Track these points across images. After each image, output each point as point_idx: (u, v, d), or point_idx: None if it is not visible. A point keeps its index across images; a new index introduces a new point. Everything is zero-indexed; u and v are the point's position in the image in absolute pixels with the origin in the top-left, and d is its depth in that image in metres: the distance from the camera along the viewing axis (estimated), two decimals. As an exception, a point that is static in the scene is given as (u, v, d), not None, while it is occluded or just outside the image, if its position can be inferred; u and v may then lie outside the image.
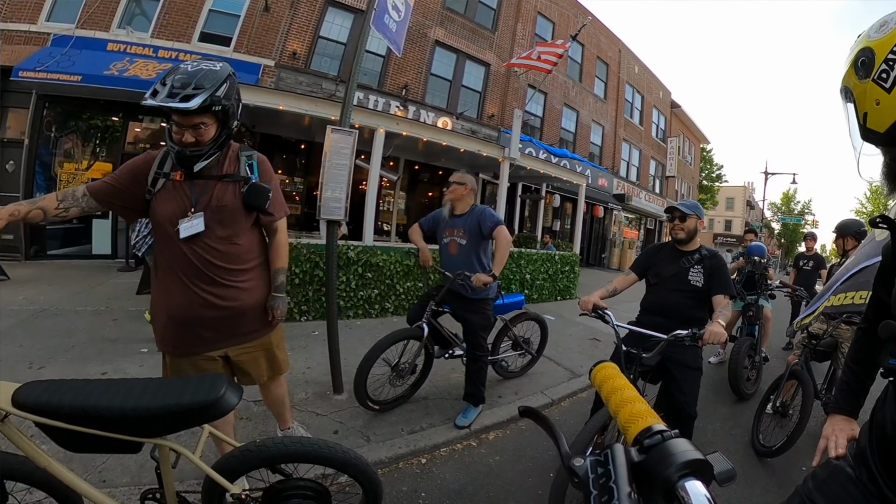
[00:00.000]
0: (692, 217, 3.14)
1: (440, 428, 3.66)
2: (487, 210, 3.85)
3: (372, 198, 8.40)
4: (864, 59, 1.07)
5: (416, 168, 14.75)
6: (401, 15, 4.29)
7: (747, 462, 3.69)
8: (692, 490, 0.57)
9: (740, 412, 4.75)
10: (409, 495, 2.90)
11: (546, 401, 4.55)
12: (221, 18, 11.15)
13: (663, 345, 2.62)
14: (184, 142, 1.98)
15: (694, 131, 31.71)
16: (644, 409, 0.77)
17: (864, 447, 1.23)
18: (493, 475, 3.22)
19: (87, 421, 1.59)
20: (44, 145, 9.73)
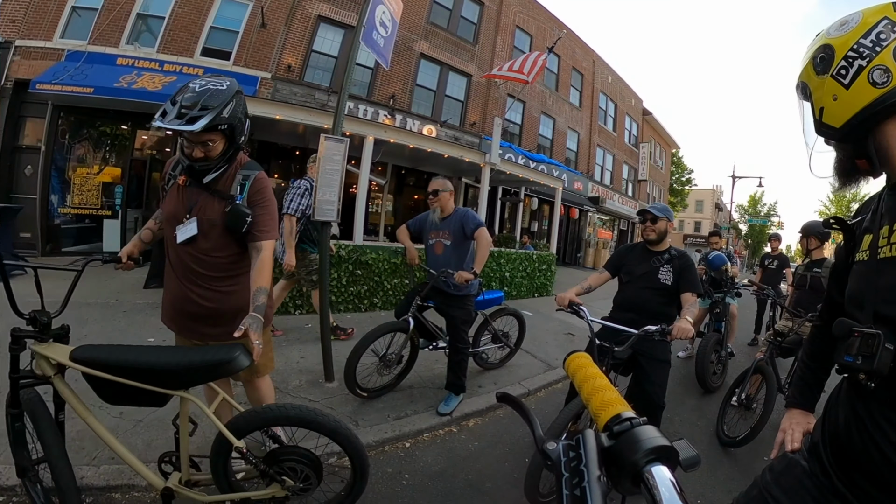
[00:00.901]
0: (663, 219, 3.22)
1: (424, 415, 3.76)
2: (470, 212, 3.95)
3: (362, 200, 8.66)
4: (824, 56, 1.09)
5: (403, 172, 15.06)
6: (388, 31, 4.37)
7: (712, 451, 3.77)
8: (658, 474, 0.59)
9: (706, 404, 4.83)
10: (394, 476, 2.97)
11: (523, 391, 4.63)
12: (221, 34, 11.52)
13: (634, 339, 2.69)
14: (194, 157, 2.03)
15: (665, 137, 32.11)
16: (614, 398, 0.78)
17: (818, 441, 1.25)
18: (472, 459, 3.30)
19: (127, 373, 1.82)
20: (59, 151, 10.06)
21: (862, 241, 1.19)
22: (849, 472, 1.10)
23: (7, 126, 9.64)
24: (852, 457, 1.09)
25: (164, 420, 2.61)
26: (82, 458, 2.57)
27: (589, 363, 0.93)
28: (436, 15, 15.28)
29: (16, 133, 9.88)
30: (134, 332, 4.85)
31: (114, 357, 1.84)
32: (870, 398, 1.04)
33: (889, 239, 1.05)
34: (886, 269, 1.05)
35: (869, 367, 0.97)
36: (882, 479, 1.00)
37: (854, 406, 1.09)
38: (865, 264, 1.13)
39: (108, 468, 2.54)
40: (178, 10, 11.01)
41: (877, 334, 0.97)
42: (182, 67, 10.60)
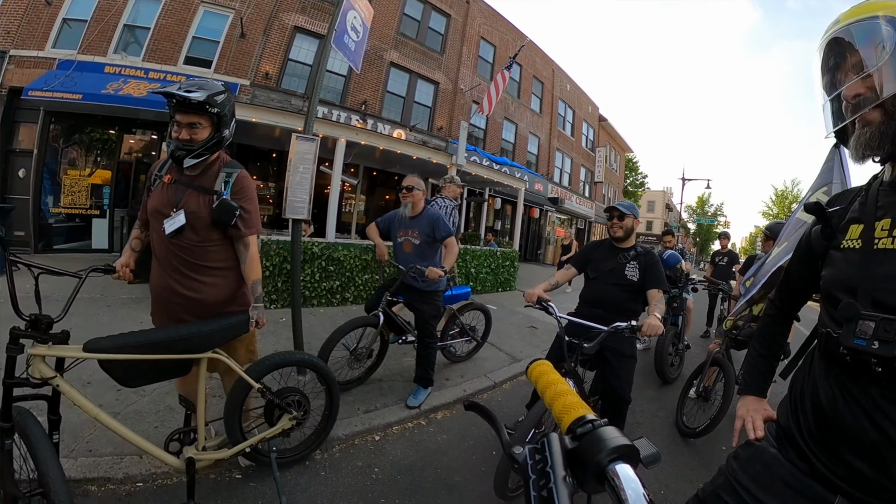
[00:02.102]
0: (629, 216, 3.17)
1: (393, 408, 3.72)
2: (442, 219, 3.86)
3: (334, 200, 8.82)
4: None
5: (374, 174, 15.43)
6: (359, 35, 4.37)
7: (672, 442, 3.77)
8: (622, 472, 0.59)
9: (665, 395, 4.83)
10: (363, 470, 2.91)
11: (489, 383, 4.62)
12: (203, 44, 11.84)
13: (603, 335, 2.65)
14: (180, 138, 2.12)
15: (619, 142, 33.01)
16: (576, 401, 0.77)
17: (789, 427, 1.24)
18: (441, 452, 3.25)
19: (155, 348, 1.99)
20: (51, 155, 10.32)
21: (847, 230, 1.19)
22: (836, 452, 1.08)
23: (1, 131, 9.86)
24: (844, 437, 1.06)
25: (146, 416, 3.02)
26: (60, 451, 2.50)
27: (550, 370, 0.93)
28: (405, 26, 15.77)
29: (10, 137, 10.08)
30: (116, 326, 4.61)
31: (132, 340, 1.96)
32: (869, 381, 1.02)
33: (891, 232, 1.05)
34: (885, 260, 1.05)
35: (890, 352, 0.95)
36: (876, 455, 1.00)
37: (846, 387, 1.07)
38: (858, 252, 1.12)
39: (85, 461, 2.51)
40: (163, 21, 11.31)
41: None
42: (166, 75, 10.84)
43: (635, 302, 3.11)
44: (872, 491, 1.01)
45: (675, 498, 2.91)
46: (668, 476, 3.16)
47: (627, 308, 3.06)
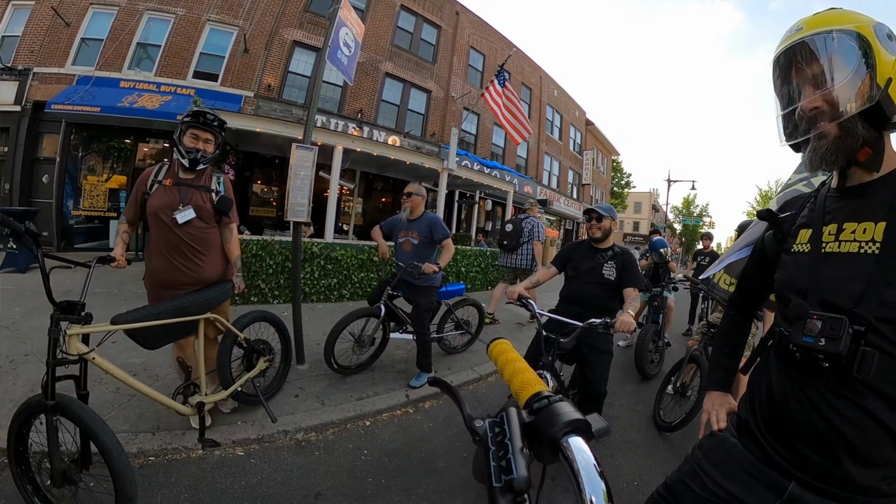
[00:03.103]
0: (607, 218, 3.20)
1: (383, 396, 3.83)
2: (440, 222, 4.17)
3: (333, 203, 9.18)
4: (891, 35, 1.02)
5: (371, 178, 15.76)
6: (351, 50, 4.47)
7: (648, 435, 3.78)
8: (574, 444, 0.61)
9: (644, 390, 4.85)
10: (354, 452, 3.04)
11: (475, 376, 4.70)
12: (210, 59, 12.40)
13: (579, 331, 2.70)
14: (198, 148, 2.75)
15: (606, 145, 33.02)
16: (533, 378, 0.79)
17: (747, 418, 1.26)
18: (426, 439, 3.34)
19: (169, 314, 2.50)
20: (72, 162, 10.97)
21: (797, 234, 1.22)
22: (788, 441, 1.11)
23: (27, 141, 10.47)
24: (794, 427, 1.10)
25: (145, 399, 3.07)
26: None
27: (508, 348, 0.94)
28: (399, 38, 16.25)
29: (34, 147, 10.70)
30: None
31: (154, 311, 2.45)
32: (815, 376, 1.05)
33: (837, 237, 1.08)
34: (832, 263, 1.08)
35: (834, 349, 0.98)
36: (824, 444, 1.03)
37: (795, 382, 1.10)
38: (807, 255, 1.15)
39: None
40: (173, 39, 11.91)
41: (842, 319, 0.98)
42: (176, 88, 11.43)
43: (612, 300, 3.14)
44: (823, 477, 1.05)
45: (648, 490, 2.96)
46: (644, 469, 3.21)
47: (604, 305, 3.09)
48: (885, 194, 1.05)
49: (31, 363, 3.65)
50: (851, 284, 1.03)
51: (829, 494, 1.04)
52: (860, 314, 0.98)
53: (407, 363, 4.67)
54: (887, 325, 0.96)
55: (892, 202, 1.02)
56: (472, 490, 2.70)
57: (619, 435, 3.70)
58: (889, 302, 0.97)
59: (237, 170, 11.63)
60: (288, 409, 3.39)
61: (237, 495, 2.45)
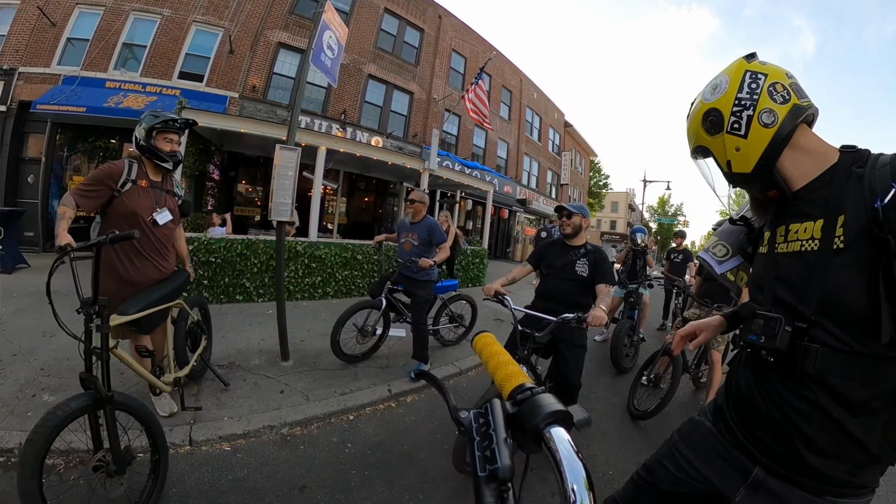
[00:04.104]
0: (577, 215, 3.25)
1: (366, 391, 3.88)
2: (439, 228, 4.51)
3: (316, 202, 8.94)
4: (713, 119, 1.16)
5: (354, 178, 15.80)
6: (335, 53, 4.48)
7: (623, 426, 3.86)
8: (556, 435, 0.61)
9: (620, 383, 4.92)
10: (338, 445, 3.08)
11: (456, 370, 4.77)
12: (195, 60, 12.28)
13: (552, 326, 2.73)
14: (174, 151, 2.87)
15: (584, 146, 33.31)
16: (517, 370, 0.80)
17: (721, 404, 1.31)
18: (409, 431, 3.39)
19: (162, 300, 2.74)
20: (57, 162, 10.78)
21: (763, 236, 1.28)
22: (752, 429, 1.16)
23: (12, 141, 10.28)
24: (756, 417, 1.15)
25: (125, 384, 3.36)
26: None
27: (493, 341, 0.96)
28: (382, 41, 16.29)
29: (20, 147, 10.51)
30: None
31: (151, 298, 2.66)
32: (769, 370, 1.11)
33: (786, 238, 1.14)
34: (781, 262, 1.14)
35: (771, 345, 1.04)
36: (781, 434, 1.08)
37: (756, 375, 1.16)
38: (766, 256, 1.22)
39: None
40: (158, 40, 11.80)
41: (778, 318, 1.05)
42: (162, 89, 11.35)
43: (584, 295, 3.19)
44: (783, 463, 1.09)
45: (622, 478, 2.84)
46: (618, 458, 3.28)
47: (577, 301, 3.14)
48: (823, 192, 1.08)
49: (19, 363, 3.65)
50: (796, 281, 1.08)
51: (791, 481, 1.08)
52: (802, 311, 1.04)
53: (389, 359, 4.75)
54: (828, 320, 1.00)
55: (826, 201, 1.06)
56: (452, 480, 2.77)
57: (595, 426, 3.79)
58: (828, 297, 1.00)
59: (222, 170, 11.60)
60: (273, 404, 3.44)
61: (224, 489, 2.49)
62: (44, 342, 4.06)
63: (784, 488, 1.09)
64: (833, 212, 1.03)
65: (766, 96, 1.09)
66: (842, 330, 0.99)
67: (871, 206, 0.95)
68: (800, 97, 1.10)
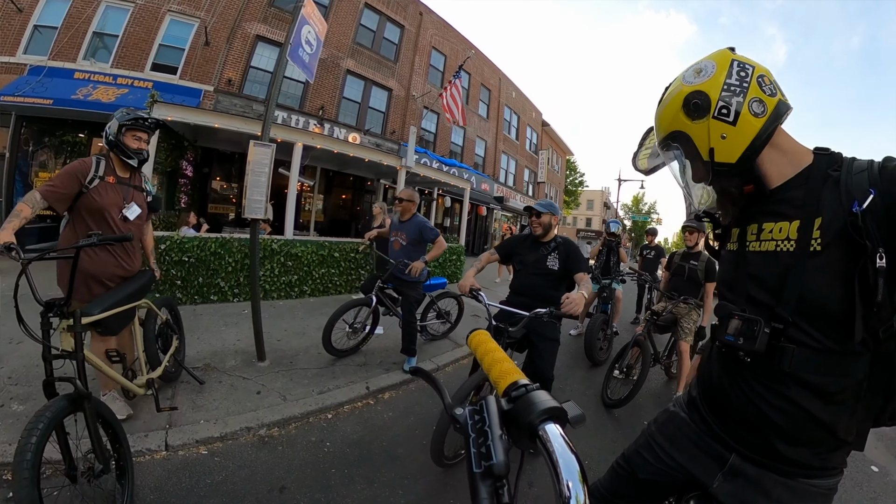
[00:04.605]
0: (546, 214, 3.25)
1: (344, 389, 3.86)
2: (428, 225, 4.53)
3: (292, 200, 8.79)
4: (697, 102, 1.08)
5: (331, 175, 15.64)
6: (313, 48, 4.43)
7: (598, 417, 3.92)
8: (551, 431, 0.61)
9: (594, 376, 5.00)
10: (317, 444, 3.07)
11: (433, 366, 4.80)
12: (169, 51, 11.90)
13: (526, 320, 2.75)
14: (141, 149, 2.86)
15: (561, 145, 33.85)
16: (511, 367, 0.81)
17: (695, 396, 1.34)
18: (387, 428, 3.41)
19: (129, 298, 2.71)
20: (22, 158, 10.21)
21: (731, 233, 1.28)
22: (725, 420, 1.20)
23: None
24: (729, 409, 1.18)
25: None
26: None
27: (488, 339, 0.96)
28: (361, 36, 16.17)
29: None
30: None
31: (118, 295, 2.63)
32: (744, 367, 1.13)
33: (758, 236, 1.14)
34: (754, 260, 1.14)
35: (751, 347, 1.06)
36: (755, 425, 1.11)
37: (728, 370, 1.18)
38: (735, 254, 1.22)
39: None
40: (131, 29, 11.39)
41: (757, 320, 1.06)
42: (133, 81, 11.06)
43: (556, 289, 3.17)
44: (757, 451, 1.13)
45: (597, 467, 2.98)
46: (593, 448, 3.35)
47: (549, 295, 3.13)
48: (798, 193, 1.08)
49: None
50: (771, 281, 1.08)
51: (765, 466, 1.11)
52: (779, 312, 1.05)
53: (367, 356, 4.75)
54: (804, 320, 1.02)
55: (803, 202, 1.06)
56: (431, 474, 2.82)
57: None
58: (805, 298, 1.01)
59: (195, 166, 11.26)
60: (250, 405, 3.40)
61: (203, 493, 2.47)
62: (10, 349, 3.85)
63: (759, 473, 1.13)
64: (810, 213, 1.04)
65: (755, 86, 1.07)
66: (817, 330, 1.01)
67: (849, 210, 0.96)
68: (783, 94, 1.10)
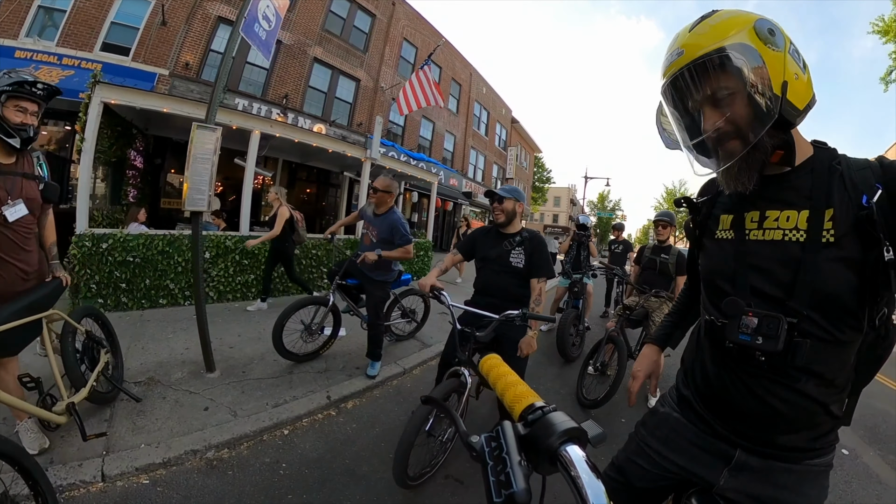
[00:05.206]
0: (510, 199, 3.03)
1: (302, 400, 3.63)
2: (401, 227, 4.08)
3: (248, 192, 8.34)
4: (773, 30, 0.96)
5: (294, 167, 15.07)
6: (271, 25, 4.15)
7: (573, 415, 4.12)
8: (572, 453, 0.61)
9: (567, 373, 4.88)
10: (271, 466, 2.83)
11: (399, 370, 4.58)
12: (122, 30, 11.15)
13: (495, 324, 2.57)
14: (26, 123, 2.29)
15: (529, 142, 34.40)
16: (526, 390, 0.79)
17: (687, 395, 1.29)
18: (350, 442, 3.20)
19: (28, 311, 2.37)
20: None
21: (719, 220, 1.22)
22: (728, 418, 1.16)
23: None
24: (732, 407, 1.13)
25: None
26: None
27: (500, 363, 0.95)
28: (331, 23, 15.79)
29: None
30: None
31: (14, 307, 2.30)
32: (750, 365, 1.08)
33: (761, 224, 1.09)
34: (758, 251, 1.08)
35: (773, 347, 0.99)
36: (760, 419, 1.09)
37: (731, 370, 1.13)
38: (731, 243, 1.15)
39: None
40: (80, 4, 10.61)
41: (779, 317, 0.99)
42: (81, 62, 10.37)
43: (525, 287, 3.01)
44: (761, 443, 1.12)
45: None
46: None
47: (519, 294, 2.98)
48: (804, 183, 1.06)
49: None
50: (780, 273, 1.05)
51: (769, 456, 1.12)
52: (793, 307, 1.01)
53: (328, 361, 4.51)
54: (817, 313, 1.00)
55: (811, 191, 1.04)
56: (399, 493, 2.64)
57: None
58: (818, 290, 0.99)
59: (146, 156, 10.52)
60: (196, 424, 3.11)
61: None
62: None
63: (765, 464, 1.12)
64: (820, 204, 1.01)
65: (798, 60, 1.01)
66: (829, 322, 1.00)
67: (859, 203, 0.96)
68: None
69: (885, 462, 4.07)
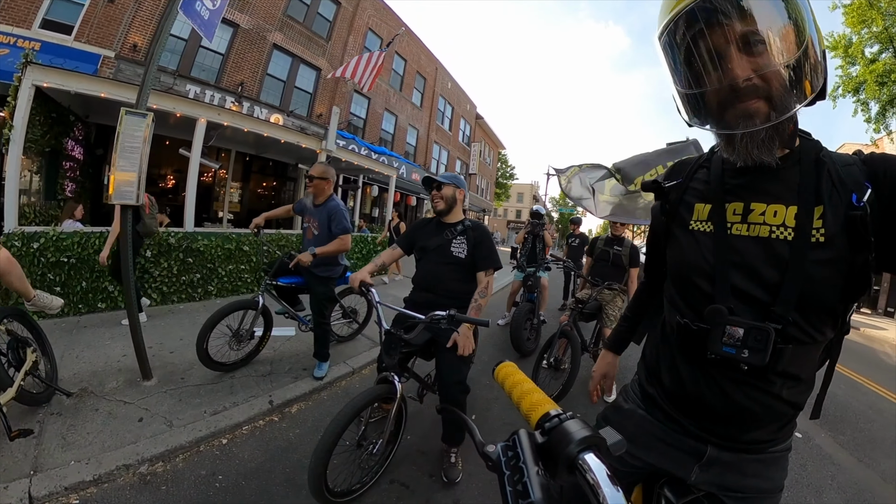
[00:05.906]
0: (449, 186, 2.88)
1: (243, 406, 3.50)
2: (340, 214, 3.88)
3: (192, 186, 8.09)
4: None
5: (248, 159, 14.77)
6: (216, 3, 3.93)
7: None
8: (591, 461, 0.60)
9: (523, 367, 4.41)
10: (207, 479, 2.71)
11: (348, 370, 4.48)
12: (64, 6, 10.28)
13: (422, 326, 2.43)
14: None
15: (493, 139, 34.75)
16: (542, 398, 0.79)
17: (653, 394, 1.25)
18: (292, 449, 3.10)
19: None
20: None
21: (693, 209, 1.14)
22: (699, 419, 1.12)
23: None
24: (704, 409, 1.09)
25: None
26: None
27: (515, 370, 0.94)
28: (293, 8, 15.36)
29: None
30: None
31: None
32: (732, 374, 1.03)
33: (745, 217, 1.02)
34: (741, 247, 1.01)
35: (761, 361, 0.94)
36: (732, 419, 1.06)
37: (709, 375, 1.07)
38: (709, 236, 1.07)
39: None
40: None
41: (768, 330, 0.93)
42: (17, 40, 9.49)
43: (465, 282, 2.83)
44: (734, 441, 1.09)
45: None
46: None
47: (458, 289, 2.81)
48: (791, 175, 1.00)
49: None
50: (766, 273, 0.97)
51: (740, 450, 1.10)
52: (778, 312, 0.95)
53: (273, 364, 4.40)
54: (802, 317, 0.95)
55: (800, 185, 0.98)
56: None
57: (499, 418, 3.78)
58: (806, 293, 0.93)
59: (87, 146, 9.87)
60: (129, 437, 2.97)
61: None
62: None
63: (735, 457, 1.11)
64: (809, 201, 0.95)
65: None
66: (811, 325, 0.96)
67: (849, 202, 0.91)
68: None
69: (837, 443, 4.33)
